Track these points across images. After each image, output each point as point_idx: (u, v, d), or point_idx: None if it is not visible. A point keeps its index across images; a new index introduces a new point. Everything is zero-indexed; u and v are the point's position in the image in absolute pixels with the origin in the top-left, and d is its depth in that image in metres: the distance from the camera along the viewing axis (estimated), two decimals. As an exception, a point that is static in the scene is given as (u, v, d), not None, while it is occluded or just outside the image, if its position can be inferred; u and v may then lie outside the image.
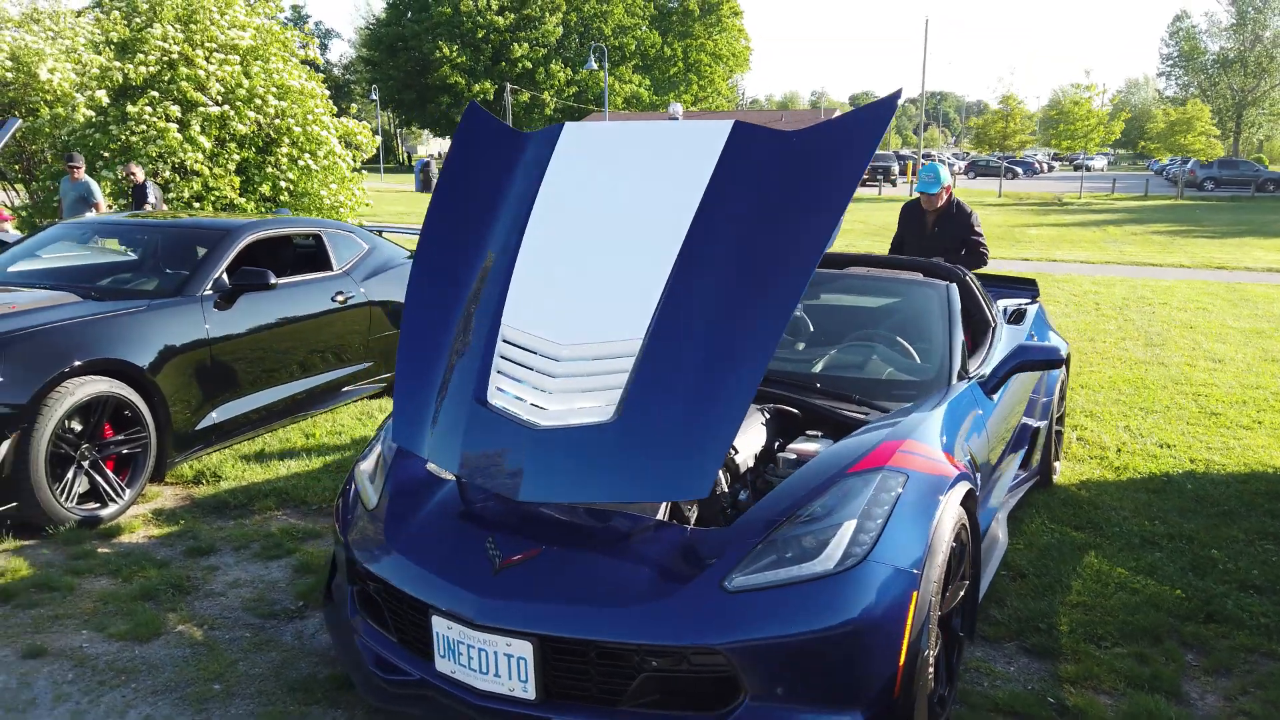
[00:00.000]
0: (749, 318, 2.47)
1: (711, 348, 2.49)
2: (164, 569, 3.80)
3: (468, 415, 2.70)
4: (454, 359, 2.84)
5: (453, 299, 2.96)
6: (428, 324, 2.96)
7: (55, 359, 4.14)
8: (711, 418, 2.41)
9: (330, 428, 5.83)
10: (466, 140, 3.21)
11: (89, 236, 6.10)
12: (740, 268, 2.55)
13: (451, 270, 3.00)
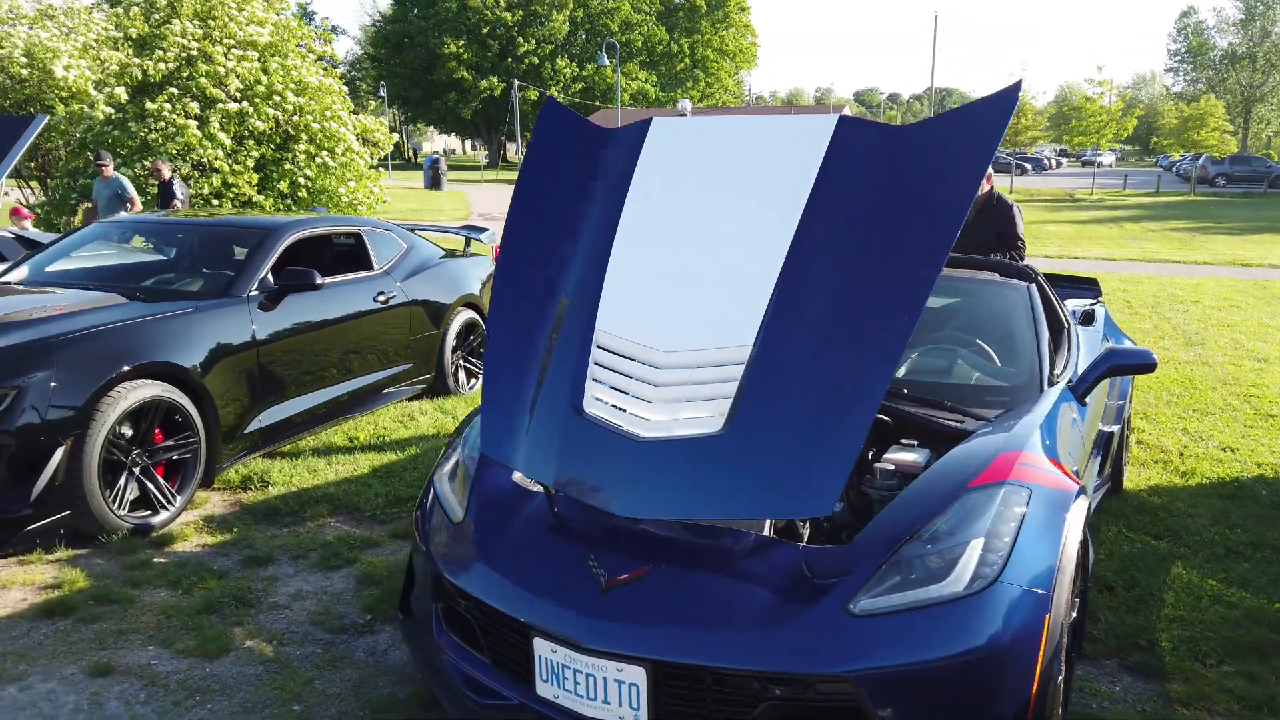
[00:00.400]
0: (870, 323, 2.35)
1: (830, 355, 2.36)
2: (223, 580, 3.69)
3: (564, 426, 2.58)
4: (545, 367, 2.72)
5: (540, 303, 2.84)
6: (515, 330, 2.84)
7: (108, 363, 4.03)
8: (834, 429, 2.28)
9: (372, 431, 5.71)
10: (545, 137, 3.09)
11: (127, 236, 5.98)
12: (856, 271, 2.42)
13: (537, 273, 2.88)
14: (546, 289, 2.85)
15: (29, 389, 3.74)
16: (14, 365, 3.80)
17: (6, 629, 3.28)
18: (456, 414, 6.15)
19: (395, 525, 4.33)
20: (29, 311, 4.31)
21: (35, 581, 3.65)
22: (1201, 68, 72.82)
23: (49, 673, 3.00)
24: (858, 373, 2.31)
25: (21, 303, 4.55)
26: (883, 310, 2.35)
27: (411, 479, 4.87)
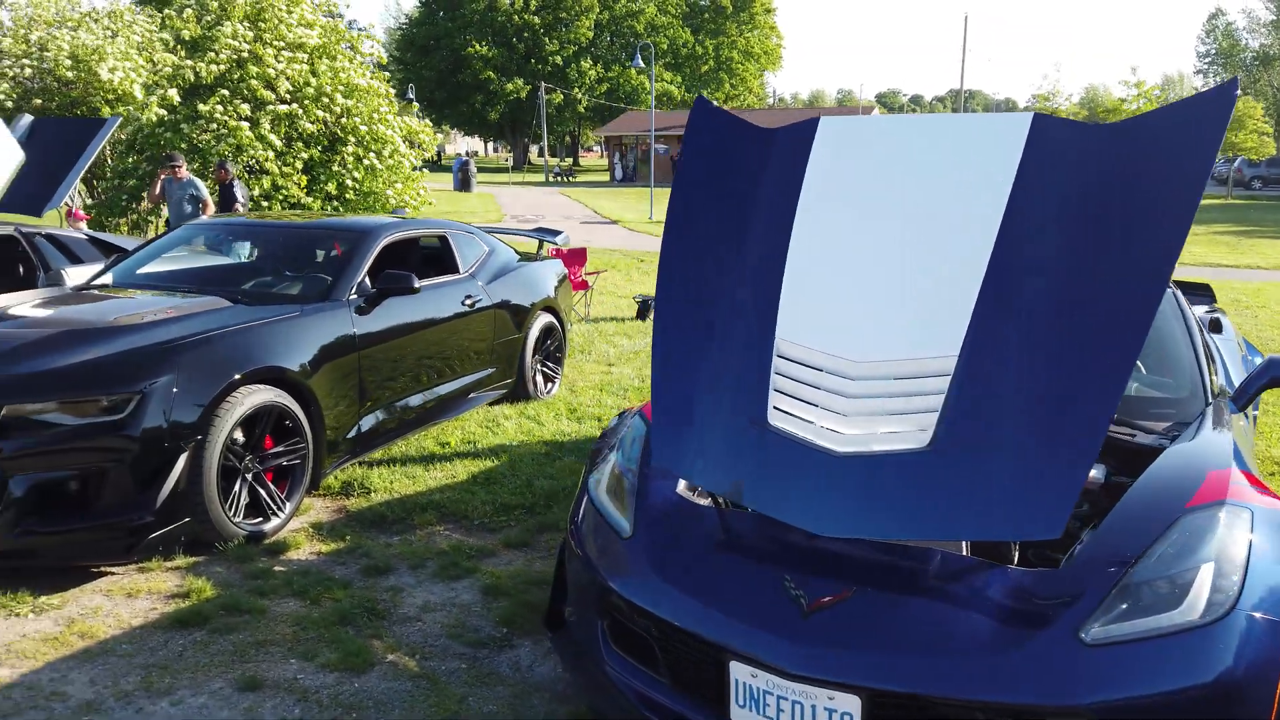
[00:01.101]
0: (1094, 335, 2.24)
1: (1050, 369, 2.25)
2: (348, 590, 3.62)
3: (747, 438, 2.49)
4: (721, 376, 2.63)
5: (708, 310, 2.74)
6: (683, 338, 2.74)
7: (226, 367, 3.97)
8: (1060, 448, 2.17)
9: (462, 436, 5.64)
10: (700, 138, 2.99)
11: (218, 238, 5.94)
12: (1072, 281, 2.31)
13: (703, 279, 2.79)
14: (714, 295, 2.76)
15: (152, 394, 3.69)
16: (136, 369, 3.74)
17: (143, 639, 3.21)
18: (540, 419, 6.07)
19: (506, 534, 4.25)
20: (140, 315, 4.26)
21: (160, 590, 3.59)
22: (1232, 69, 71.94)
23: (197, 686, 2.93)
24: (1084, 389, 2.20)
25: (129, 305, 4.51)
26: (1107, 324, 2.23)
27: (513, 486, 4.78)
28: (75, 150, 7.56)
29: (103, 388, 3.66)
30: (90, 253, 7.30)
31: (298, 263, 5.44)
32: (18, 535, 3.50)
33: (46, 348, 3.83)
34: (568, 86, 61.83)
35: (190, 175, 9.89)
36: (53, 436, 3.55)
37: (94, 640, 3.19)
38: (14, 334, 4.00)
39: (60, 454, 3.55)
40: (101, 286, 5.07)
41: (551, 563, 3.94)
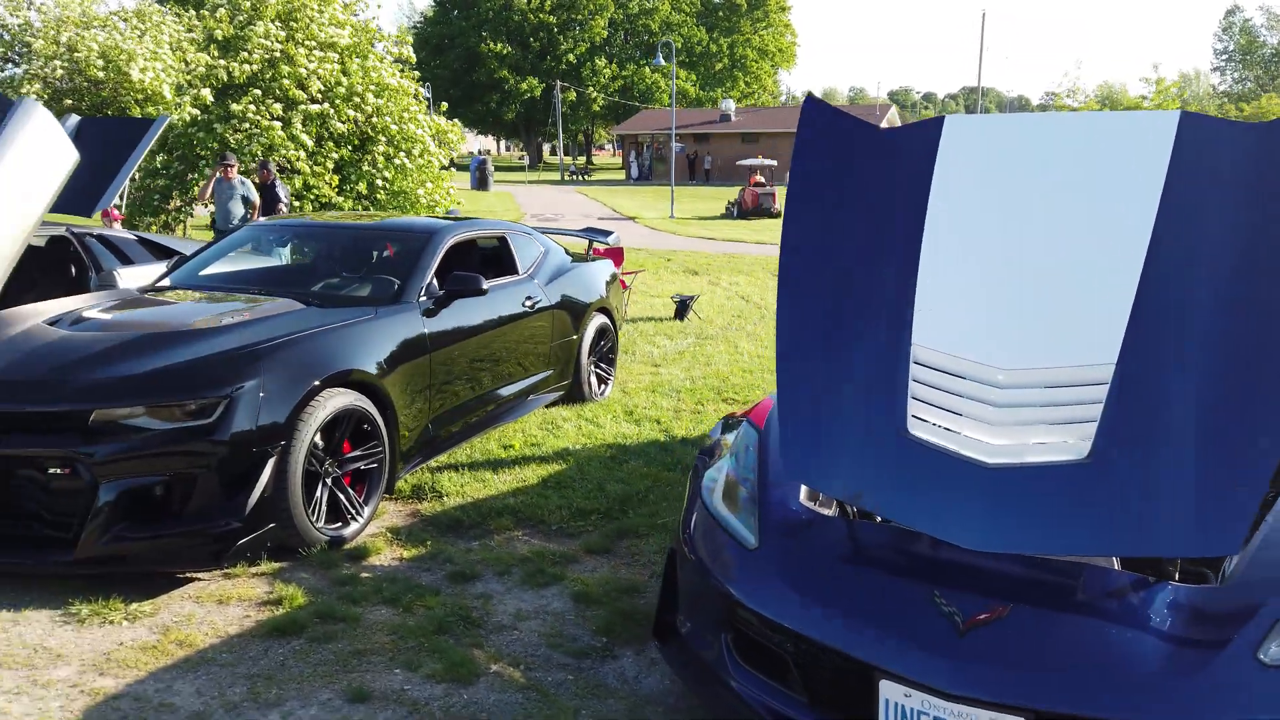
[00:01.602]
0: (1265, 336, 2.15)
1: (1219, 371, 2.17)
2: (439, 597, 3.56)
3: (886, 449, 2.42)
4: (851, 384, 2.55)
5: (834, 315, 2.67)
6: (809, 344, 2.67)
7: (309, 371, 3.93)
8: (1236, 454, 2.09)
9: (524, 439, 5.58)
10: (813, 138, 2.91)
11: (282, 239, 5.90)
12: (1239, 287, 2.23)
13: (826, 284, 2.71)
14: (839, 300, 2.68)
15: (240, 398, 3.64)
16: (224, 373, 3.70)
17: (242, 648, 3.16)
18: (598, 421, 6.01)
19: (586, 539, 4.19)
20: (217, 317, 4.22)
21: (250, 596, 3.54)
22: (1250, 66, 71.40)
23: (305, 697, 2.88)
24: (1259, 392, 2.12)
25: (204, 308, 4.47)
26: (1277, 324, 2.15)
27: (584, 490, 4.72)
28: (124, 150, 7.53)
29: (191, 392, 3.61)
30: (140, 254, 7.28)
31: (362, 264, 5.39)
32: (108, 541, 3.46)
33: (131, 352, 3.79)
34: (582, 85, 61.77)
35: (241, 176, 9.88)
36: (141, 442, 3.50)
37: (193, 649, 3.14)
38: (96, 338, 3.97)
39: (149, 459, 3.50)
40: (168, 289, 5.03)
41: (637, 570, 3.88)
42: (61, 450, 3.44)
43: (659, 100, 64.57)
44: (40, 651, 3.11)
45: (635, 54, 67.12)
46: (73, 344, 3.88)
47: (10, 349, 3.85)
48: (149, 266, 7.13)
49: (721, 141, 49.59)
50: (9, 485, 3.51)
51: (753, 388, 7.01)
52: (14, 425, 3.53)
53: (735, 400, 6.66)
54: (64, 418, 3.51)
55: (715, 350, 8.52)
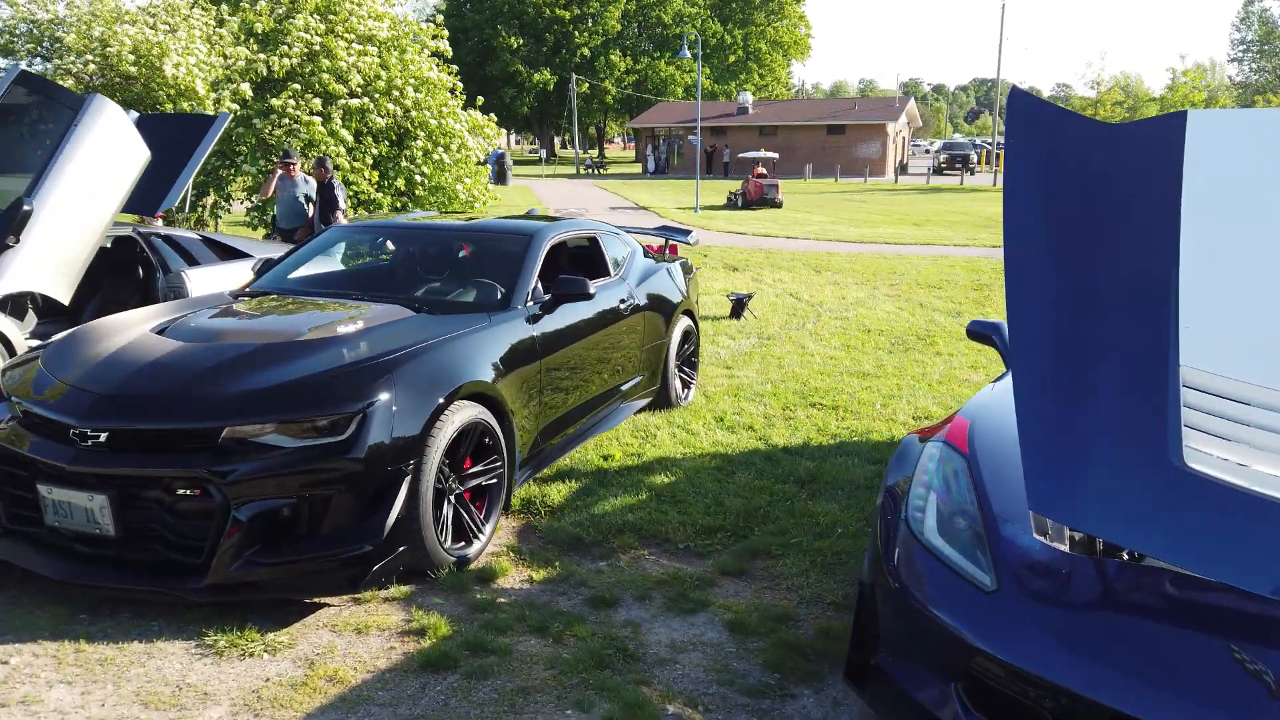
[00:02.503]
0: None
1: None
2: (584, 625, 3.36)
3: (1159, 483, 2.19)
4: (1106, 407, 2.33)
5: (1076, 330, 2.44)
6: (1050, 362, 2.45)
7: (439, 383, 3.73)
8: None
9: (621, 449, 5.37)
10: (1026, 134, 2.67)
11: (374, 240, 5.69)
12: None
13: (1064, 296, 2.49)
14: (1080, 313, 2.46)
15: (373, 413, 3.44)
16: (355, 387, 3.50)
17: (397, 685, 2.97)
18: (690, 428, 5.81)
19: (717, 560, 3.98)
20: (331, 326, 4.02)
21: (388, 625, 3.34)
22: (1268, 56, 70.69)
23: (480, 743, 2.68)
24: None
25: (312, 315, 4.26)
26: None
27: (702, 505, 4.52)
28: (187, 148, 7.36)
29: (322, 407, 3.41)
30: (205, 254, 7.10)
31: (460, 267, 5.17)
32: (240, 567, 3.26)
33: (254, 364, 3.60)
34: (597, 78, 61.45)
35: (304, 174, 9.68)
36: (273, 461, 3.30)
37: (346, 685, 2.95)
38: (212, 349, 3.77)
39: (281, 479, 3.30)
40: (262, 294, 4.82)
41: (781, 595, 3.68)
42: (194, 471, 3.24)
43: (673, 93, 64.21)
44: (184, 689, 2.92)
45: (648, 47, 66.74)
46: (190, 357, 3.69)
47: (125, 362, 3.66)
48: (214, 267, 6.96)
49: (739, 134, 49.25)
50: (132, 507, 3.32)
51: (838, 391, 6.80)
52: (140, 444, 3.34)
53: (823, 405, 6.45)
54: (194, 436, 3.32)
55: (783, 351, 8.30)
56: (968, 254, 16.26)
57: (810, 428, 5.90)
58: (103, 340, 3.95)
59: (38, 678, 2.96)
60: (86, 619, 3.34)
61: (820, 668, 3.11)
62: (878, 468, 5.10)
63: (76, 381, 3.55)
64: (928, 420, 6.09)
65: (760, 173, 28.54)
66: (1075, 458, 2.32)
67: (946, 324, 9.74)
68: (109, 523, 3.29)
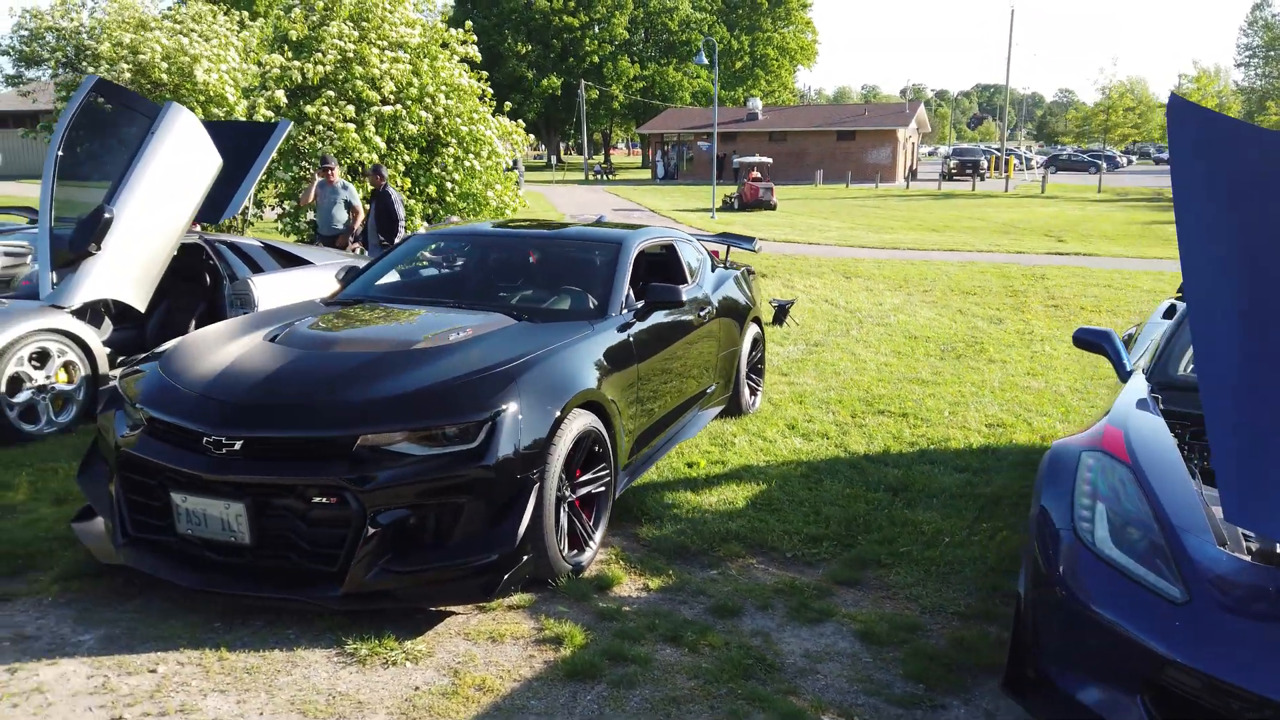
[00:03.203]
0: None
1: None
2: (716, 634, 3.36)
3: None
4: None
5: (1270, 340, 2.44)
6: (1242, 374, 2.45)
7: (559, 391, 3.74)
8: None
9: (703, 456, 5.38)
10: (1189, 140, 2.67)
11: (456, 248, 5.70)
12: None
13: (1251, 304, 2.49)
14: (1269, 322, 2.46)
15: (502, 421, 3.44)
16: (482, 395, 3.50)
17: (548, 694, 2.97)
18: (765, 435, 5.82)
19: (828, 569, 3.98)
20: (444, 334, 4.02)
21: (522, 634, 3.35)
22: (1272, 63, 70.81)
23: (646, 753, 2.68)
24: None
25: (420, 323, 4.26)
26: None
27: (800, 513, 4.52)
28: (248, 155, 7.37)
29: (452, 415, 3.42)
30: (268, 261, 7.11)
31: (545, 275, 5.17)
32: (375, 575, 3.27)
33: (377, 372, 3.60)
34: (605, 84, 61.56)
35: (342, 180, 9.69)
36: (406, 468, 3.31)
37: (497, 695, 2.95)
38: (333, 357, 3.77)
39: (414, 487, 3.30)
40: (354, 302, 4.82)
41: (902, 605, 3.67)
42: (331, 479, 3.25)
43: (680, 99, 64.33)
44: (337, 698, 2.92)
45: (655, 53, 66.87)
46: (314, 365, 3.69)
47: (250, 370, 3.66)
48: (278, 274, 6.97)
49: (749, 140, 49.32)
50: (267, 515, 3.32)
51: (902, 398, 6.80)
52: (274, 452, 3.34)
53: (891, 413, 6.45)
54: (328, 444, 3.32)
55: (834, 358, 8.31)
56: (993, 260, 16.28)
57: (885, 435, 5.90)
58: (218, 348, 3.95)
59: (189, 686, 2.96)
60: (220, 627, 3.35)
61: (964, 678, 3.12)
62: (965, 476, 5.10)
63: (205, 390, 3.56)
64: (1002, 429, 6.09)
65: (755, 176, 29.74)
66: (1270, 469, 2.33)
67: (991, 330, 9.75)
68: (245, 530, 3.30)
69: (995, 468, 5.26)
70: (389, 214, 9.43)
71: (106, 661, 3.09)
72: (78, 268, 5.61)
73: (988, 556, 4.04)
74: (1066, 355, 8.53)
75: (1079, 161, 55.09)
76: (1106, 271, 14.84)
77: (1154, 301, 11.93)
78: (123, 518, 3.59)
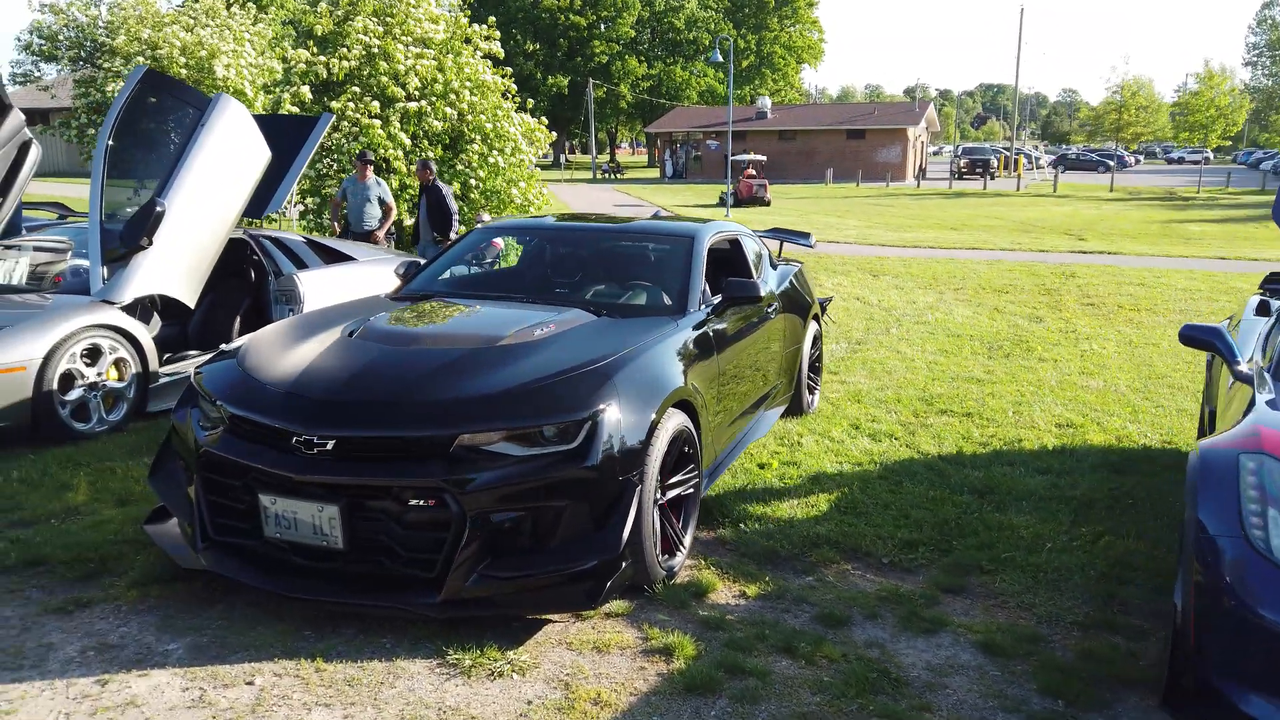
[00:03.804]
0: None
1: None
2: (829, 645, 3.19)
3: None
4: None
5: None
6: None
7: (653, 390, 3.58)
8: None
9: (773, 456, 5.22)
10: None
11: (522, 241, 5.54)
12: None
13: None
14: None
15: (601, 421, 3.28)
16: (580, 393, 3.34)
17: (667, 708, 2.81)
18: (831, 435, 5.66)
19: (928, 575, 3.82)
20: (529, 330, 3.86)
21: (627, 644, 3.19)
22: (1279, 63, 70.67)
23: (788, 773, 2.53)
24: None
25: (500, 319, 4.09)
26: None
27: (888, 516, 4.36)
28: (291, 149, 7.21)
29: (551, 414, 3.25)
30: (310, 257, 6.96)
31: (615, 269, 5.00)
32: (475, 582, 3.11)
33: (468, 369, 3.44)
34: (613, 83, 61.40)
35: (375, 177, 9.53)
36: (507, 469, 3.15)
37: (614, 710, 2.79)
38: (418, 354, 3.61)
39: (516, 488, 3.14)
40: (422, 296, 4.66)
41: (1016, 614, 3.51)
42: (431, 480, 3.09)
43: (687, 98, 64.13)
44: (447, 711, 2.77)
45: (662, 52, 66.64)
46: (402, 361, 3.53)
47: (336, 366, 3.50)
48: (322, 270, 6.83)
49: (758, 139, 49.15)
50: (361, 518, 3.16)
51: (961, 398, 6.64)
52: (369, 452, 3.18)
53: (953, 412, 6.28)
54: (425, 444, 3.16)
55: (881, 356, 8.15)
56: (1019, 258, 16.12)
57: (954, 436, 5.74)
58: (296, 344, 3.80)
59: (290, 699, 2.80)
60: (311, 635, 3.19)
61: (1102, 693, 2.95)
62: (1049, 478, 4.94)
63: (292, 387, 3.40)
64: (1073, 429, 5.93)
65: (750, 174, 30.86)
66: None
67: (1034, 329, 9.58)
68: (338, 535, 3.14)
69: (1077, 469, 5.10)
70: (441, 208, 9.23)
71: (199, 673, 2.93)
72: (128, 262, 5.46)
73: (1096, 563, 3.88)
74: (1117, 354, 8.38)
75: (1088, 161, 54.88)
76: (1135, 270, 14.68)
77: (1193, 300, 11.77)
78: (203, 520, 3.43)
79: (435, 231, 9.29)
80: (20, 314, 5.16)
